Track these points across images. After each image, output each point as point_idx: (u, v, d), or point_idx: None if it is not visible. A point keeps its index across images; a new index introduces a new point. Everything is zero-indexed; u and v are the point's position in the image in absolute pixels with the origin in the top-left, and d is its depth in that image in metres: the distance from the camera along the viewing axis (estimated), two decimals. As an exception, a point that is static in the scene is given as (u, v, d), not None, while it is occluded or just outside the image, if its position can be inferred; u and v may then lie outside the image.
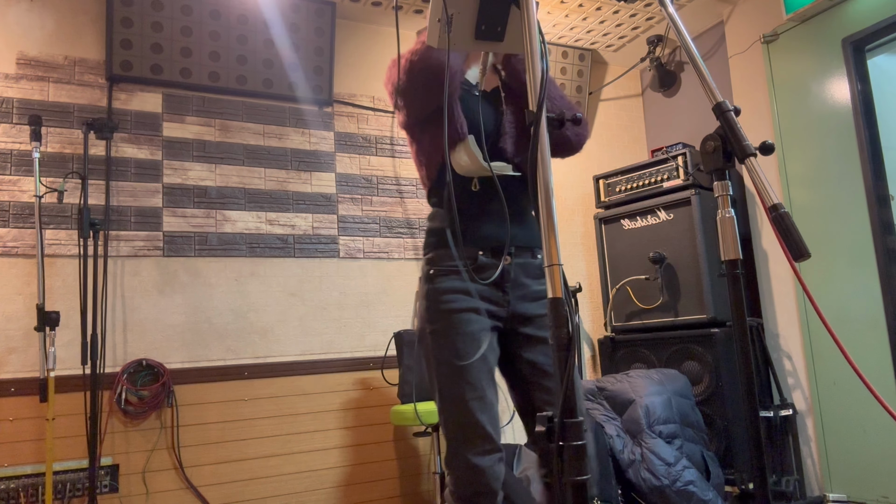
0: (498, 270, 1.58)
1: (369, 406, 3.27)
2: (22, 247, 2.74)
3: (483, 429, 1.50)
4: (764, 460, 1.17)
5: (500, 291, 1.61)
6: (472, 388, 1.51)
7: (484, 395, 1.52)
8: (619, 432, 2.87)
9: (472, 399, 1.50)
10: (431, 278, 1.61)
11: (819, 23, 3.18)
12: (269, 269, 3.18)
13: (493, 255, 1.61)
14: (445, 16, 1.33)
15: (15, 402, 2.63)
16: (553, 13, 3.60)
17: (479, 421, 1.50)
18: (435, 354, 1.56)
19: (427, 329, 1.59)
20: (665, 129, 4.22)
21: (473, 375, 1.52)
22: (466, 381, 1.51)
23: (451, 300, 1.57)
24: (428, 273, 1.62)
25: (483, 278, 1.58)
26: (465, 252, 1.60)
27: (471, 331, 1.55)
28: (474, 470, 1.48)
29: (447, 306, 1.57)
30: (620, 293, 3.62)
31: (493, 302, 1.60)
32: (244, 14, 3.18)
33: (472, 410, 1.50)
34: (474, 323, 1.56)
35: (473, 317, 1.56)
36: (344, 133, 3.48)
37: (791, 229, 1.08)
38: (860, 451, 2.95)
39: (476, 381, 1.52)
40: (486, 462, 1.48)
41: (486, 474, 1.48)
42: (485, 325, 1.58)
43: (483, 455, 1.48)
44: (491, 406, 1.53)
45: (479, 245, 1.61)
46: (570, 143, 1.68)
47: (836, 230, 3.07)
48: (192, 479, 2.86)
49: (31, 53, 2.88)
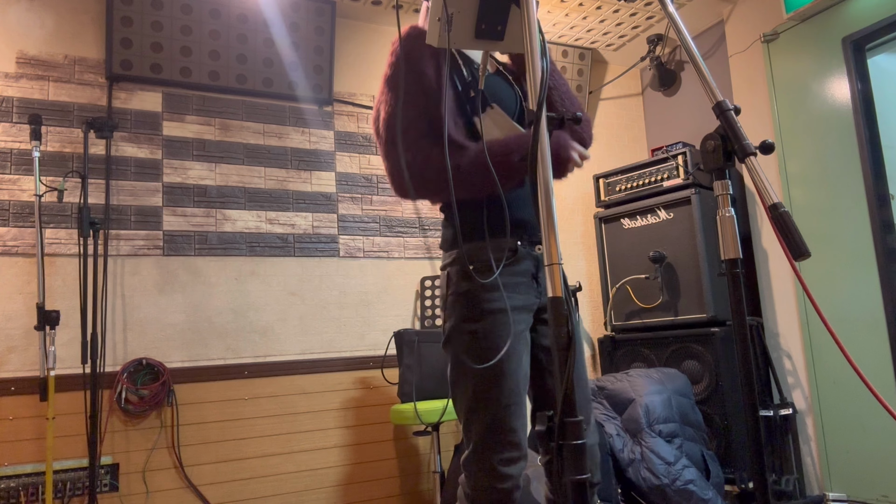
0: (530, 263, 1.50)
1: (369, 405, 3.27)
2: (22, 246, 2.74)
3: (515, 435, 1.44)
4: (764, 459, 1.17)
5: (535, 282, 1.53)
6: (511, 393, 1.44)
7: (522, 401, 1.46)
8: (618, 431, 2.87)
9: (512, 404, 1.44)
10: (469, 275, 1.49)
11: (819, 22, 3.17)
12: (269, 269, 3.18)
13: (529, 244, 1.53)
14: (445, 15, 1.33)
15: (15, 401, 2.63)
16: (553, 12, 3.59)
17: (514, 428, 1.43)
18: (472, 355, 1.46)
19: (466, 329, 1.48)
20: (665, 129, 4.22)
21: (514, 380, 1.45)
22: (507, 385, 1.44)
23: (492, 299, 1.47)
24: (463, 270, 1.50)
25: (521, 270, 1.50)
26: (503, 244, 1.49)
27: (513, 332, 1.47)
28: (499, 478, 1.41)
29: (489, 305, 1.47)
30: (620, 292, 3.62)
31: (531, 295, 1.53)
32: (244, 13, 3.18)
33: (510, 416, 1.43)
34: (517, 324, 1.48)
35: (516, 317, 1.48)
36: (344, 132, 3.48)
37: (791, 228, 1.08)
38: (860, 451, 2.96)
39: (516, 385, 1.45)
40: (512, 471, 1.43)
41: (510, 482, 1.42)
42: (525, 325, 1.51)
43: (510, 464, 1.42)
44: (525, 412, 1.47)
45: (516, 234, 1.51)
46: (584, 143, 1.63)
47: (836, 230, 3.07)
48: (193, 478, 2.86)
49: (31, 52, 2.88)
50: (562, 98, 1.58)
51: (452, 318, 1.51)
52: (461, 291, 1.50)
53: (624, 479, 2.77)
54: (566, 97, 1.61)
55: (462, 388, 1.50)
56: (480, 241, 1.51)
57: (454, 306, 1.51)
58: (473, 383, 1.46)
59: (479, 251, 1.50)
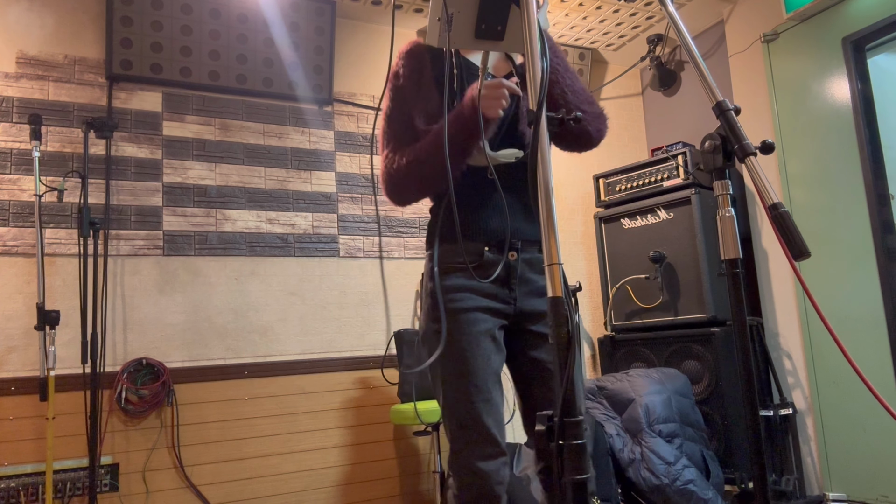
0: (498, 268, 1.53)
1: (369, 405, 3.27)
2: (22, 246, 2.74)
3: (488, 431, 1.46)
4: (764, 459, 1.17)
5: (506, 289, 1.55)
6: (477, 389, 1.47)
7: (490, 398, 1.48)
8: (618, 431, 2.87)
9: (479, 401, 1.46)
10: (436, 276, 1.54)
11: (819, 22, 3.17)
12: (269, 269, 3.18)
13: (499, 250, 1.55)
14: (445, 15, 1.33)
15: (15, 401, 2.63)
16: (553, 12, 3.59)
17: (484, 423, 1.46)
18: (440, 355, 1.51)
19: (432, 328, 1.54)
20: (665, 129, 4.22)
21: (480, 377, 1.47)
22: (472, 382, 1.47)
23: (456, 299, 1.52)
24: (431, 270, 1.56)
25: (488, 275, 1.53)
26: (471, 248, 1.54)
27: (477, 331, 1.50)
28: (478, 474, 1.44)
29: (453, 305, 1.51)
30: (620, 292, 3.62)
31: (500, 300, 1.55)
32: (244, 13, 3.18)
33: (478, 413, 1.46)
34: (481, 323, 1.51)
35: (480, 316, 1.51)
36: (344, 132, 3.48)
37: (791, 228, 1.08)
38: (860, 451, 2.96)
39: (482, 382, 1.47)
40: (490, 466, 1.45)
41: (491, 479, 1.44)
42: (492, 324, 1.53)
43: (488, 459, 1.45)
44: (497, 408, 1.49)
45: (484, 240, 1.55)
46: (591, 137, 1.62)
47: (836, 229, 3.07)
48: (192, 478, 2.86)
49: (31, 52, 2.88)
50: (564, 92, 1.56)
51: (422, 319, 1.60)
52: (427, 290, 1.58)
53: (624, 479, 2.77)
54: (571, 91, 1.59)
55: (435, 388, 1.56)
56: (451, 244, 1.56)
57: (423, 305, 1.59)
58: (442, 382, 1.52)
59: (447, 253, 1.56)
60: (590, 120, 1.59)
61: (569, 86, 1.59)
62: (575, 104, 1.56)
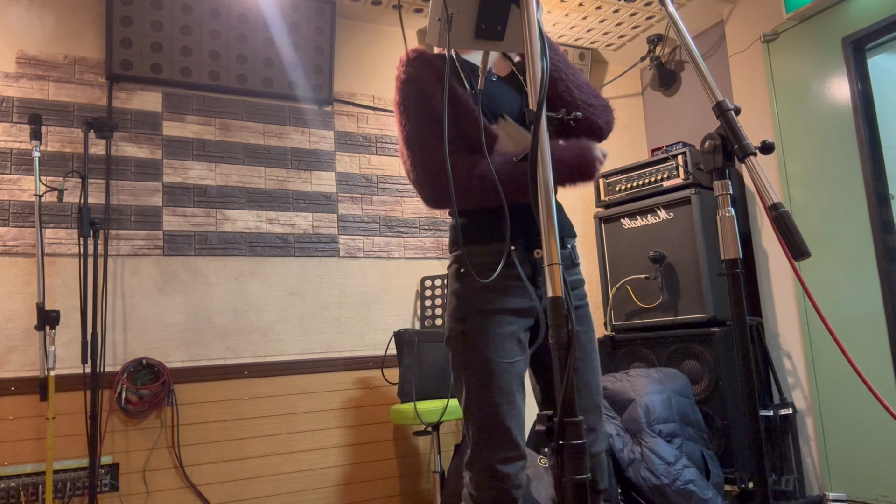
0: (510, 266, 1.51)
1: (369, 405, 3.27)
2: (22, 246, 2.74)
3: (511, 434, 1.46)
4: (764, 459, 1.17)
5: (533, 286, 1.54)
6: (502, 392, 1.46)
7: (514, 400, 1.48)
8: (618, 431, 2.87)
9: (503, 404, 1.46)
10: (463, 276, 1.54)
11: (819, 22, 3.17)
12: (269, 269, 3.18)
13: (526, 248, 1.55)
14: (445, 15, 1.33)
15: (15, 401, 2.63)
16: (553, 12, 3.59)
17: (507, 427, 1.46)
18: (465, 356, 1.51)
19: (458, 329, 1.53)
20: (665, 129, 4.22)
21: (505, 380, 1.47)
22: (498, 385, 1.46)
23: (484, 300, 1.51)
24: (458, 271, 1.55)
25: (516, 274, 1.52)
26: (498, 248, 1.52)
27: (503, 333, 1.49)
28: (497, 477, 1.44)
29: (480, 307, 1.50)
30: (620, 292, 3.62)
31: (528, 297, 1.54)
32: (244, 13, 3.18)
33: (501, 415, 1.45)
34: (507, 325, 1.50)
35: (507, 318, 1.51)
36: (344, 132, 3.48)
37: (791, 228, 1.08)
38: (860, 450, 2.96)
39: (507, 385, 1.47)
40: (510, 469, 1.45)
41: (509, 482, 1.44)
42: (517, 327, 1.52)
43: (507, 462, 1.45)
44: (520, 412, 1.49)
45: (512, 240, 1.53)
46: (601, 130, 1.63)
47: (836, 230, 3.07)
48: (193, 478, 2.86)
49: (31, 52, 2.88)
50: (569, 88, 1.56)
51: (447, 317, 1.58)
52: (453, 291, 1.57)
53: (624, 478, 2.77)
54: (576, 86, 1.59)
55: (458, 388, 1.55)
56: (477, 245, 1.55)
57: (448, 305, 1.58)
58: (466, 383, 1.51)
59: (475, 254, 1.55)
60: (598, 113, 1.60)
61: (573, 81, 1.60)
62: (581, 99, 1.58)
